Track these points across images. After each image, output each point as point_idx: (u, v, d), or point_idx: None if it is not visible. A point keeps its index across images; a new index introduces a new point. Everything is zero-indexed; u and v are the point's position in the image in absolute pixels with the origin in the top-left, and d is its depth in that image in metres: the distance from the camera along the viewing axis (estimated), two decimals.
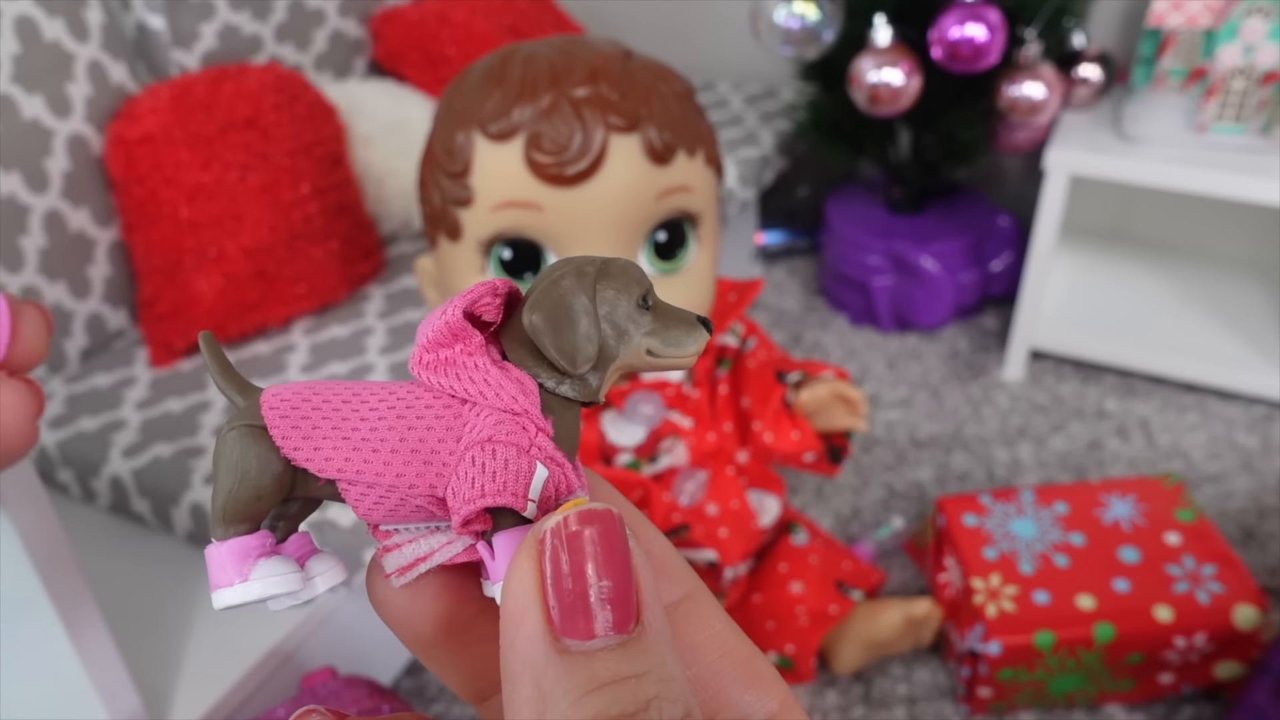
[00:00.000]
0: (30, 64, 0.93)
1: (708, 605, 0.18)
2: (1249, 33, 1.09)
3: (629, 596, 0.15)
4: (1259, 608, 0.83)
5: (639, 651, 0.14)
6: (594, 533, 0.15)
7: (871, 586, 0.94)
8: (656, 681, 0.14)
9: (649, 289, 0.18)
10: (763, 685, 0.18)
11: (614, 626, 0.14)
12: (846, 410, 0.80)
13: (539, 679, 0.14)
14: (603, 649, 0.14)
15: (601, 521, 0.15)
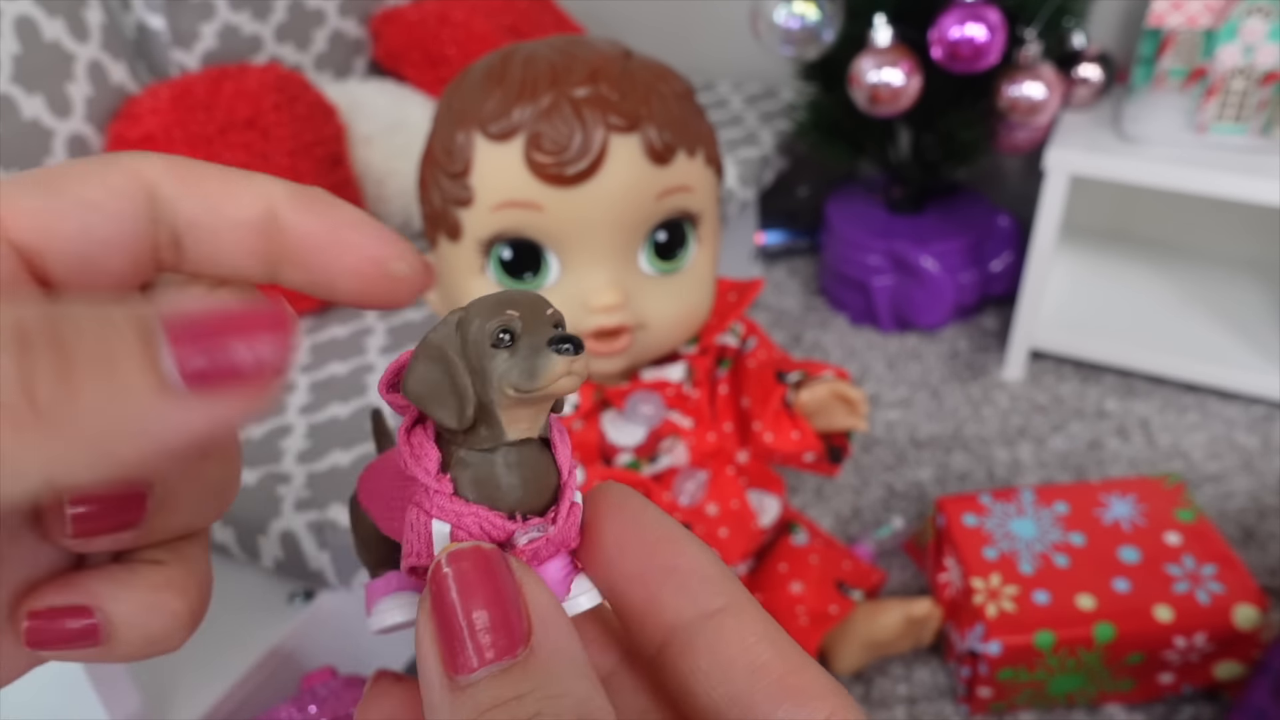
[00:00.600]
0: (30, 64, 0.93)
1: (746, 618, 0.18)
2: (1249, 33, 1.09)
3: (509, 623, 0.15)
4: (1259, 608, 0.83)
5: (522, 674, 0.15)
6: (461, 570, 0.16)
7: (871, 586, 0.94)
8: (540, 699, 0.15)
9: (509, 320, 0.17)
10: (801, 699, 0.17)
11: (496, 655, 0.15)
12: (847, 410, 0.80)
13: (434, 714, 0.15)
14: (486, 678, 0.15)
15: (468, 558, 0.16)
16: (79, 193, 0.16)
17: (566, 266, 0.69)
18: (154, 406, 0.13)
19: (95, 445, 0.12)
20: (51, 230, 0.16)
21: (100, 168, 0.17)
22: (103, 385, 0.12)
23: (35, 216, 0.16)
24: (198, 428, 0.13)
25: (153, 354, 0.13)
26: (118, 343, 0.12)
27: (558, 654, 0.15)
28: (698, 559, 0.18)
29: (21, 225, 0.16)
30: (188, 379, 0.13)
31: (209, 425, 0.13)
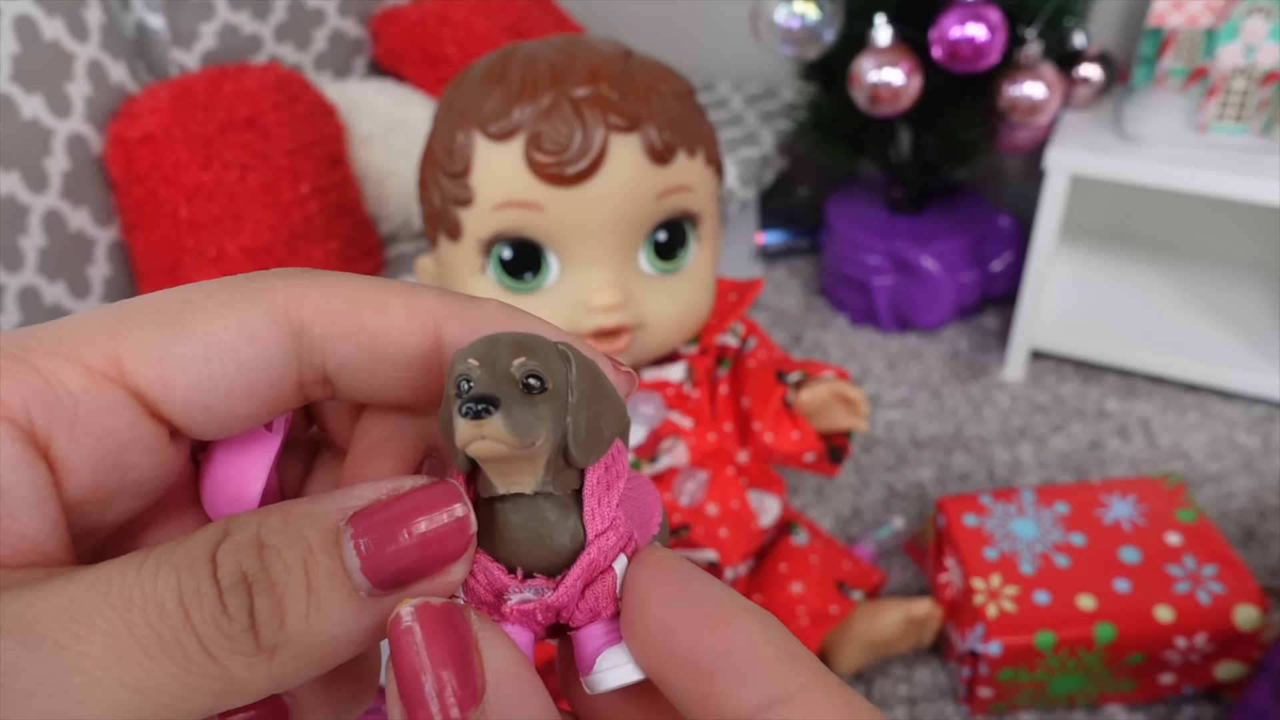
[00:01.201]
0: (30, 63, 0.93)
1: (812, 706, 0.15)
2: (1250, 32, 1.08)
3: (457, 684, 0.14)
4: (1260, 608, 0.83)
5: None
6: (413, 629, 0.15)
7: (872, 587, 0.93)
8: None
9: (468, 370, 0.15)
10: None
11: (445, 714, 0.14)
12: (847, 410, 0.80)
13: None
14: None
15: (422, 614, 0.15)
16: (208, 333, 0.16)
17: (566, 266, 0.68)
18: (351, 617, 0.14)
19: (307, 658, 0.14)
20: (170, 378, 0.15)
21: (241, 300, 0.16)
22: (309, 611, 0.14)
23: (156, 364, 0.15)
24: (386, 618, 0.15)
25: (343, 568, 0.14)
26: (314, 565, 0.14)
27: (501, 700, 0.14)
28: (753, 638, 0.15)
29: (141, 372, 0.15)
30: (376, 584, 0.14)
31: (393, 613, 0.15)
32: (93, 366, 0.15)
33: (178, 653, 0.13)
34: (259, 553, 0.14)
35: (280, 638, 0.14)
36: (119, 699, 0.13)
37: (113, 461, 0.15)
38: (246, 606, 0.14)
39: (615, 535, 0.16)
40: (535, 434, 0.15)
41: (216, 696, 0.14)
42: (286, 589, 0.14)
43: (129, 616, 0.13)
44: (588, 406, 0.16)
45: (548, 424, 0.15)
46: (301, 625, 0.14)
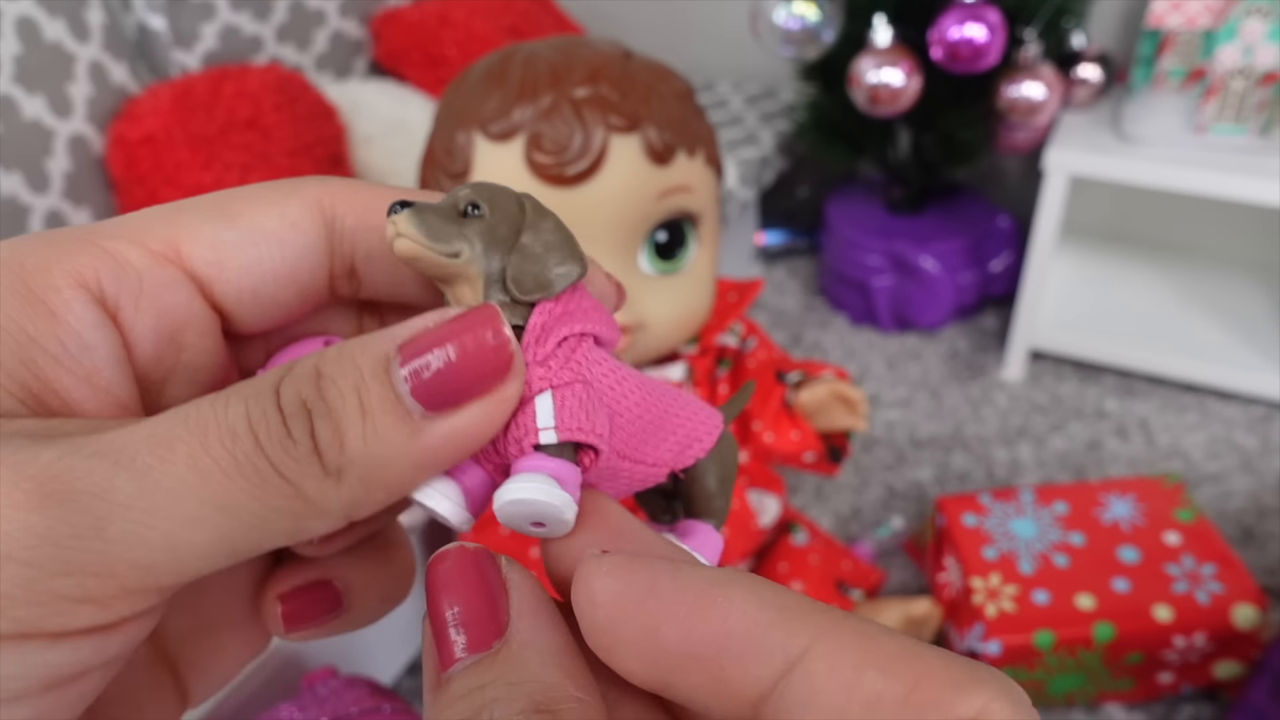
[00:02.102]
0: (31, 64, 0.93)
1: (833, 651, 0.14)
2: (1248, 33, 1.09)
3: (485, 619, 0.15)
4: (1258, 607, 0.83)
5: (489, 665, 0.15)
6: (444, 570, 0.16)
7: (871, 586, 0.94)
8: (499, 686, 0.15)
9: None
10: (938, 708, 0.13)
11: (471, 649, 0.15)
12: (846, 410, 0.80)
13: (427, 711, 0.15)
14: (460, 671, 0.15)
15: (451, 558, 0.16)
16: (254, 222, 0.17)
17: None
18: (405, 439, 0.15)
19: (372, 480, 0.15)
20: (224, 263, 0.17)
21: (280, 196, 0.17)
22: (365, 434, 0.15)
23: (210, 247, 0.17)
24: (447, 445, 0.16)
25: (394, 393, 0.15)
26: (366, 391, 0.15)
27: (528, 645, 0.15)
28: (747, 608, 0.15)
29: (197, 255, 0.17)
30: (425, 401, 0.15)
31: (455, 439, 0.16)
32: (153, 249, 0.16)
33: (252, 473, 0.14)
34: (316, 382, 0.15)
35: (343, 460, 0.15)
36: (204, 516, 0.14)
37: (170, 336, 0.17)
38: (308, 430, 0.15)
39: (544, 371, 0.17)
40: (449, 242, 0.17)
41: (295, 517, 0.15)
42: (343, 414, 0.15)
43: (205, 440, 0.14)
44: (534, 247, 0.17)
45: (473, 243, 0.17)
46: (360, 448, 0.15)
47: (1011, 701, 0.13)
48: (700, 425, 0.20)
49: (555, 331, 0.17)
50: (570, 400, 0.17)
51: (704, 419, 0.20)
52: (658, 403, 0.19)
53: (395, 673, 0.94)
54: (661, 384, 0.19)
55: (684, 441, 0.19)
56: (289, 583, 0.19)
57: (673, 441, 0.19)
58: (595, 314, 0.18)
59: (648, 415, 0.19)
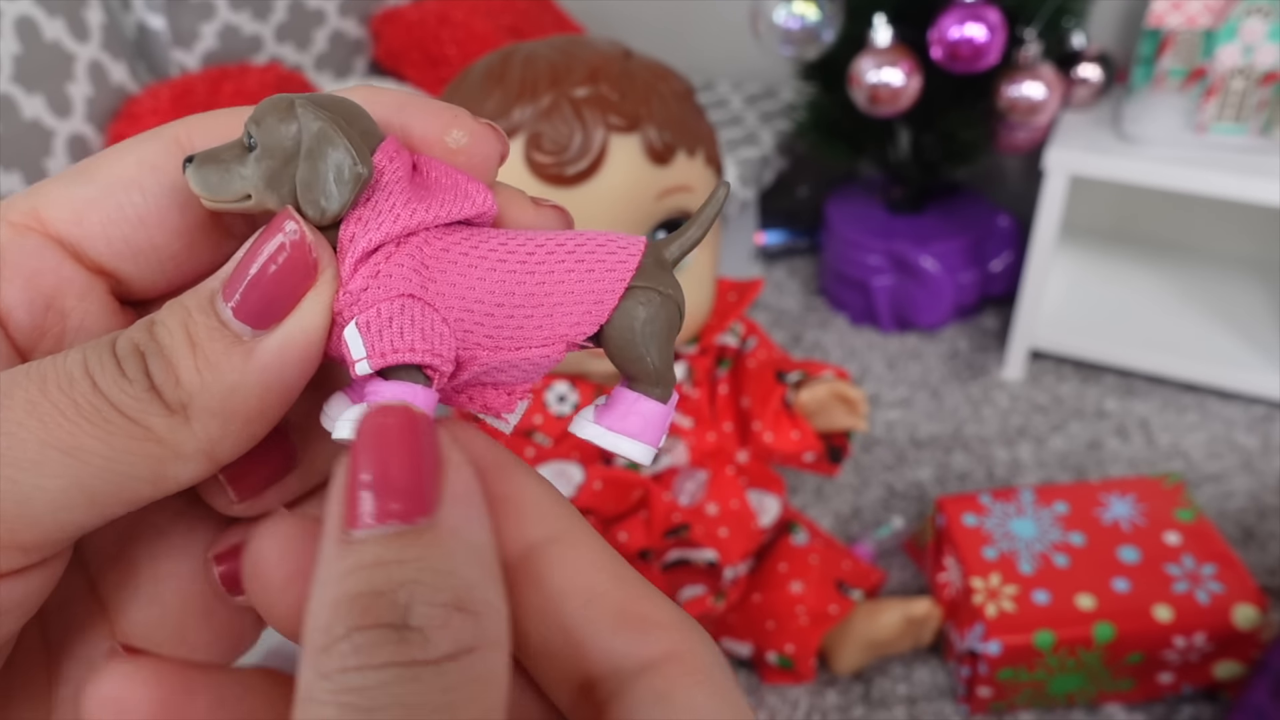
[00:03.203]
0: (31, 64, 0.93)
1: (582, 549, 0.16)
2: (1248, 33, 1.09)
3: (415, 491, 0.14)
4: (1258, 607, 0.83)
5: (413, 542, 0.14)
6: (382, 425, 0.15)
7: (871, 586, 0.94)
8: (420, 570, 0.14)
9: None
10: (640, 629, 0.16)
11: (392, 517, 0.14)
12: (846, 410, 0.80)
13: (319, 567, 0.14)
14: (375, 538, 0.14)
15: (393, 414, 0.15)
16: (111, 172, 0.17)
17: None
18: (240, 361, 0.15)
19: (222, 411, 0.15)
20: (84, 217, 0.17)
21: (137, 143, 0.17)
22: (198, 364, 0.15)
23: (68, 206, 0.17)
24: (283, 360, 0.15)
25: (218, 320, 0.15)
26: (193, 325, 0.15)
27: (456, 535, 0.14)
28: (529, 487, 0.17)
29: (57, 217, 0.17)
30: (249, 320, 0.15)
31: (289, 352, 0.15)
32: (14, 221, 0.16)
33: (93, 414, 0.14)
34: (149, 328, 0.15)
35: (182, 394, 0.15)
36: (49, 458, 0.14)
37: (46, 303, 0.16)
38: (142, 369, 0.15)
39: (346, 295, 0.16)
40: (230, 189, 0.16)
41: (152, 461, 0.15)
42: (172, 349, 0.15)
43: (44, 387, 0.14)
44: (311, 164, 0.16)
45: (253, 180, 0.16)
46: (195, 378, 0.15)
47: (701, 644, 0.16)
48: (598, 281, 0.17)
49: (354, 250, 0.16)
50: (376, 322, 0.16)
51: (606, 271, 0.17)
52: (533, 272, 0.17)
53: None
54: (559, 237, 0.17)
55: (579, 309, 0.17)
56: (226, 542, 0.18)
57: (565, 312, 0.17)
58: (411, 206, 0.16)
59: (519, 292, 0.16)
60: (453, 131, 0.17)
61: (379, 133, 0.17)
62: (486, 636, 0.14)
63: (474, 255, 0.17)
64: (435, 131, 0.17)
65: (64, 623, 0.18)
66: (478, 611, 0.14)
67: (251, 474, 0.17)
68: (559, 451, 0.76)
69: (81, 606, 0.18)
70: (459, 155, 0.17)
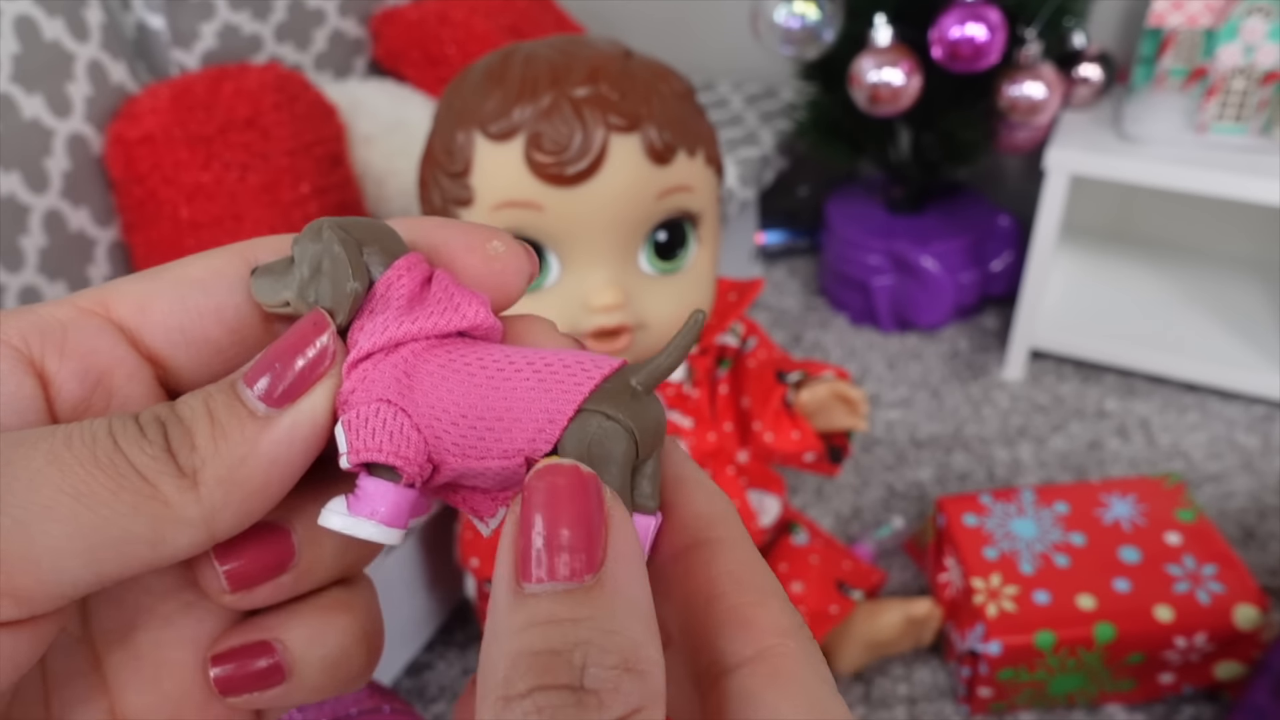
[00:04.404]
0: (30, 63, 0.93)
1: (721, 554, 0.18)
2: (1249, 32, 1.09)
3: (585, 549, 0.15)
4: (1259, 608, 0.83)
5: (584, 600, 0.15)
6: (554, 484, 0.16)
7: (872, 586, 0.94)
8: (593, 629, 0.15)
9: None
10: (742, 630, 0.17)
11: (565, 575, 0.15)
12: (847, 410, 0.80)
13: (494, 619, 0.15)
14: (548, 593, 0.15)
15: (564, 474, 0.16)
16: (180, 273, 0.19)
17: (567, 266, 0.69)
18: (254, 433, 0.16)
19: (228, 481, 0.16)
20: (147, 309, 0.18)
21: (209, 254, 0.19)
22: (215, 436, 0.16)
23: (134, 296, 0.18)
24: (294, 432, 0.17)
25: (238, 398, 0.17)
26: (214, 402, 0.17)
27: (621, 594, 0.15)
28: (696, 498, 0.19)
29: (122, 305, 0.18)
30: (266, 399, 0.17)
31: (301, 426, 0.17)
32: (82, 306, 0.18)
33: (109, 466, 0.15)
34: (172, 405, 0.17)
35: (195, 460, 0.16)
36: (59, 504, 0.15)
37: (97, 379, 0.18)
38: (161, 433, 0.16)
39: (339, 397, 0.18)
40: (275, 296, 0.18)
41: (154, 520, 0.15)
42: (192, 420, 0.16)
43: (69, 441, 0.15)
44: (324, 279, 0.18)
45: (290, 290, 0.18)
46: (210, 446, 0.16)
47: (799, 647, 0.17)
48: (556, 399, 0.17)
49: (352, 353, 0.18)
50: (356, 423, 0.17)
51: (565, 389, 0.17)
52: (500, 386, 0.17)
53: (395, 673, 0.94)
54: (528, 357, 0.18)
55: (538, 425, 0.17)
56: (226, 642, 0.18)
57: (525, 427, 0.17)
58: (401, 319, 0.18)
59: (482, 405, 0.17)
60: (493, 242, 0.19)
61: (402, 248, 0.19)
62: (651, 694, 0.15)
63: (450, 367, 0.18)
64: (479, 240, 0.19)
65: (67, 696, 0.18)
66: (644, 671, 0.15)
67: (247, 564, 0.18)
68: None
69: (84, 681, 0.18)
70: (495, 262, 0.19)
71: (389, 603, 0.91)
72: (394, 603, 0.92)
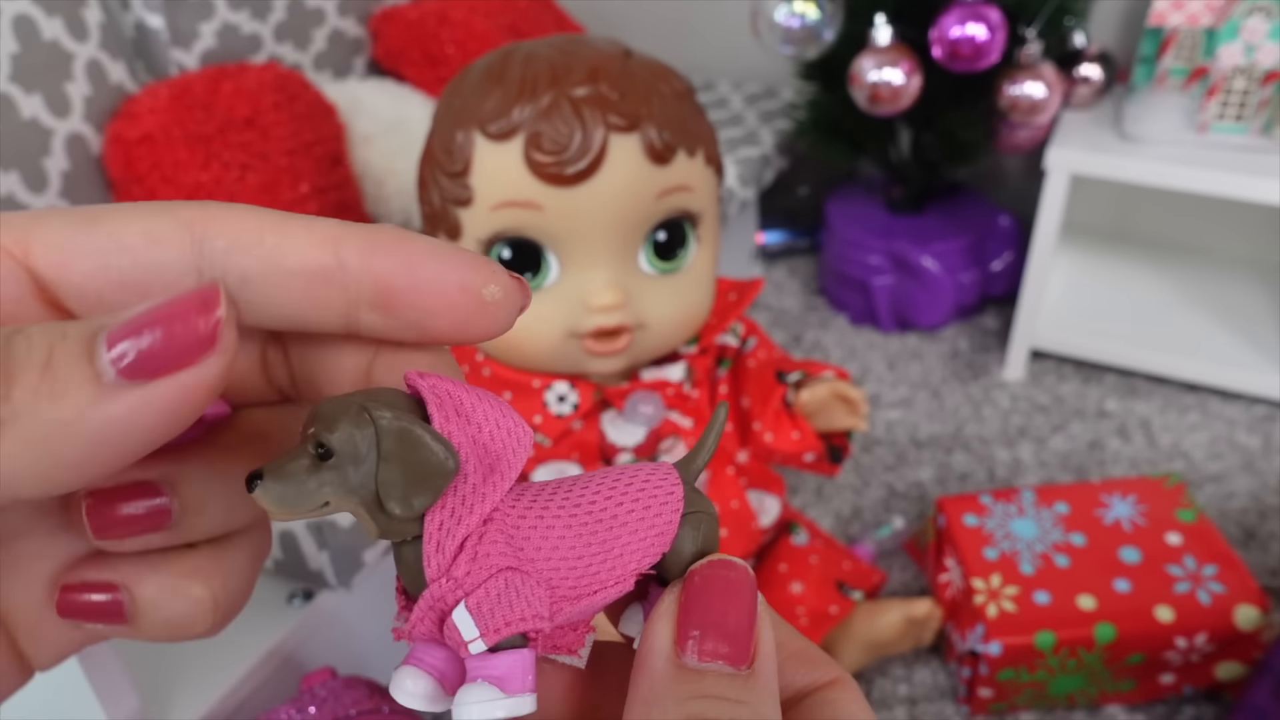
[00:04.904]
0: (29, 63, 0.93)
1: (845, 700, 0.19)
2: (1250, 32, 1.08)
3: (745, 638, 0.17)
4: (1260, 608, 0.83)
5: (744, 686, 0.17)
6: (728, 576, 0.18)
7: (872, 587, 0.93)
8: (751, 714, 0.16)
9: None
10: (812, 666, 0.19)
11: (728, 659, 0.17)
12: (847, 410, 0.80)
13: (654, 683, 0.17)
14: (712, 672, 0.17)
15: (737, 570, 0.18)
16: (114, 233, 0.16)
17: (566, 266, 0.68)
18: (90, 402, 0.14)
19: (37, 446, 0.13)
20: (69, 265, 0.16)
21: (151, 211, 0.17)
22: (40, 389, 0.13)
23: (59, 249, 0.16)
24: (137, 416, 0.14)
25: (91, 354, 0.14)
26: (60, 350, 0.14)
27: (769, 686, 0.17)
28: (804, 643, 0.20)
29: (43, 255, 0.16)
30: (122, 371, 0.14)
31: (148, 411, 0.14)
32: (3, 244, 0.16)
33: None
34: (10, 334, 0.14)
35: (4, 411, 0.13)
36: None
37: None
38: None
39: (451, 583, 0.17)
40: (311, 500, 0.16)
41: None
42: (22, 363, 0.14)
43: None
44: (394, 466, 0.16)
45: (333, 488, 0.16)
46: (28, 400, 0.13)
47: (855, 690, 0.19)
48: (656, 518, 0.18)
49: (451, 539, 0.17)
50: (486, 602, 0.17)
51: (660, 508, 0.19)
52: (600, 523, 0.18)
53: None
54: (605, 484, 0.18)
55: (643, 546, 0.18)
56: (78, 575, 0.18)
57: (632, 551, 0.18)
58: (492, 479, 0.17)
59: (592, 545, 0.18)
60: (490, 286, 0.18)
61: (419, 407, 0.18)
62: None
63: (548, 517, 0.18)
64: (476, 281, 0.17)
65: None
66: None
67: (117, 521, 0.17)
68: (558, 452, 0.76)
69: None
70: (490, 308, 0.18)
71: (389, 603, 0.91)
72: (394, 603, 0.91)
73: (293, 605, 0.82)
